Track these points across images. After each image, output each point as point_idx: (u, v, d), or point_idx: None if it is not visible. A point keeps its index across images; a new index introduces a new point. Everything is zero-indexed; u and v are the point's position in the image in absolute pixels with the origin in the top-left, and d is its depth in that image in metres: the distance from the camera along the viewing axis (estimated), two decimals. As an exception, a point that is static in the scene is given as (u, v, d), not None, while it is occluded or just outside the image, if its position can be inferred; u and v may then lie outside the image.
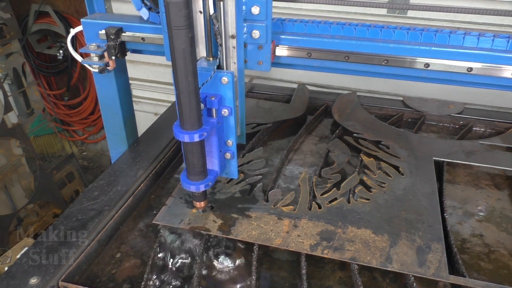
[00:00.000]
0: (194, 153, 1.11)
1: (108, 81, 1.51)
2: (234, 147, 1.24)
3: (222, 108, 1.14)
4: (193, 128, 1.05)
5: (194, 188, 1.18)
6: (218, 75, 1.11)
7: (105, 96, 1.56)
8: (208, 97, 1.11)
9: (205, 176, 1.19)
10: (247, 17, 1.15)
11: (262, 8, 1.13)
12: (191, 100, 1.00)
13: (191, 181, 1.18)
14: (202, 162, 1.15)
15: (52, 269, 1.11)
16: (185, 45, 0.92)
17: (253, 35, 1.17)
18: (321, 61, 1.28)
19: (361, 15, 2.41)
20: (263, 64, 1.23)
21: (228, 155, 1.25)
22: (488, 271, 1.20)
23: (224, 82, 1.11)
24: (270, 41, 1.20)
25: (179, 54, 0.93)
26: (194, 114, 1.03)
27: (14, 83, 3.59)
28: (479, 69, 1.16)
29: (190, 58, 0.94)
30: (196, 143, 1.08)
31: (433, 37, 1.19)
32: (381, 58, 1.22)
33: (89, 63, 1.40)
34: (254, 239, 1.22)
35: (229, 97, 1.14)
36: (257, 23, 1.16)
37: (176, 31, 0.90)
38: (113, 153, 1.68)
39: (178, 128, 1.07)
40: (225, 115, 1.16)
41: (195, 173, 1.16)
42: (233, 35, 1.12)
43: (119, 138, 1.65)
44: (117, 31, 1.34)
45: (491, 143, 1.74)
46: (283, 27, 1.28)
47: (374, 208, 1.35)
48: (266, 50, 1.21)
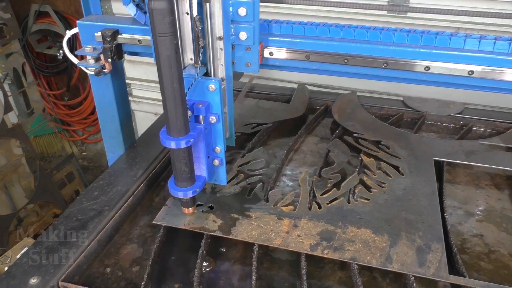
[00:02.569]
0: (181, 160, 1.10)
1: (104, 84, 1.49)
2: (222, 154, 1.23)
3: (209, 115, 1.13)
4: (180, 134, 1.04)
5: (181, 194, 1.18)
6: (205, 82, 1.09)
7: (101, 99, 1.54)
8: (195, 104, 1.10)
9: (193, 182, 1.18)
10: (234, 19, 1.13)
11: (249, 9, 1.11)
12: (177, 106, 0.99)
13: (179, 188, 1.17)
14: (189, 168, 1.14)
15: (52, 269, 1.11)
16: (170, 51, 0.91)
17: (241, 36, 1.15)
18: (320, 64, 1.26)
19: (361, 15, 2.42)
20: (251, 66, 1.21)
21: (217, 161, 1.24)
22: (488, 271, 1.20)
23: (211, 89, 1.10)
24: (258, 42, 1.18)
25: (164, 61, 0.92)
26: (180, 121, 1.02)
27: (14, 83, 3.59)
28: (481, 72, 1.14)
29: (175, 64, 0.93)
30: (183, 150, 1.07)
31: (434, 39, 1.17)
32: (380, 61, 1.20)
33: (85, 66, 1.37)
34: (254, 239, 1.22)
35: (217, 104, 1.13)
36: (244, 24, 1.14)
37: (160, 38, 0.89)
38: (110, 156, 1.66)
39: (164, 134, 1.06)
40: (213, 122, 1.15)
41: (183, 179, 1.15)
42: (220, 37, 1.10)
43: (116, 141, 1.63)
44: (113, 33, 1.31)
45: (491, 143, 1.74)
46: (270, 28, 1.26)
47: (374, 208, 1.35)
48: (254, 52, 1.19)
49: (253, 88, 2.23)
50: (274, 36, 1.26)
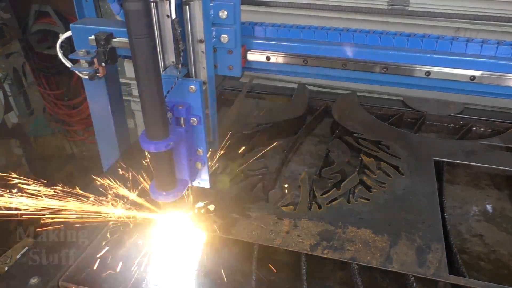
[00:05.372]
0: (162, 163, 1.09)
1: (98, 89, 1.44)
2: (204, 156, 1.20)
3: (190, 117, 1.11)
4: (159, 138, 1.02)
5: (163, 198, 1.16)
6: (186, 84, 1.07)
7: (95, 104, 1.49)
8: (176, 105, 1.08)
9: (175, 185, 1.16)
10: (215, 21, 1.11)
11: (230, 12, 1.08)
12: (155, 109, 0.97)
13: (160, 192, 1.15)
14: (170, 171, 1.12)
15: (52, 269, 1.11)
16: (146, 54, 0.89)
17: (222, 39, 1.13)
18: (317, 68, 1.23)
19: (361, 15, 2.41)
20: (234, 69, 1.19)
21: (199, 164, 1.22)
22: (488, 271, 1.20)
23: (192, 90, 1.07)
24: (239, 45, 1.16)
25: (141, 63, 0.91)
26: (159, 124, 0.99)
27: (14, 83, 3.59)
28: (483, 77, 1.11)
29: (152, 66, 0.91)
30: (163, 153, 1.05)
31: (435, 44, 1.13)
32: (380, 65, 1.17)
33: (78, 70, 1.34)
34: (254, 239, 1.22)
35: (198, 106, 1.10)
36: (226, 27, 1.12)
37: (136, 39, 0.87)
38: (105, 162, 1.63)
39: (144, 138, 1.03)
40: (194, 124, 1.12)
41: (164, 182, 1.14)
42: (201, 40, 1.07)
43: (111, 147, 1.59)
44: (107, 36, 1.27)
45: (491, 143, 1.74)
46: (254, 31, 1.24)
47: (374, 208, 1.35)
48: (236, 55, 1.17)
49: (253, 88, 2.23)
50: (259, 39, 1.23)
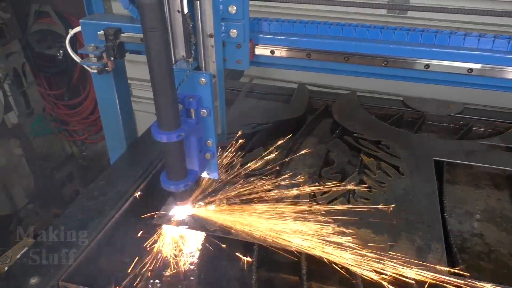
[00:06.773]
0: (173, 154, 1.12)
1: (107, 82, 1.50)
2: (214, 148, 1.24)
3: (200, 108, 1.14)
4: (171, 128, 1.05)
5: (173, 187, 1.19)
6: (196, 76, 1.10)
7: (103, 98, 1.56)
8: (186, 97, 1.11)
9: (185, 176, 1.19)
10: (225, 16, 1.14)
11: (239, 7, 1.12)
12: (167, 101, 1.00)
13: (171, 181, 1.18)
14: (181, 162, 1.15)
15: (52, 269, 1.11)
16: (159, 46, 0.92)
17: (231, 34, 1.17)
18: (321, 62, 1.27)
19: (361, 14, 2.41)
20: (242, 63, 1.24)
21: (208, 155, 1.25)
22: (488, 271, 1.20)
23: (202, 83, 1.11)
24: (248, 40, 1.19)
25: (155, 56, 0.93)
26: (171, 115, 1.03)
27: (14, 83, 3.58)
28: (480, 70, 1.16)
29: (165, 59, 0.94)
30: (175, 144, 1.08)
31: (433, 38, 1.18)
32: (381, 59, 1.21)
33: (87, 64, 1.39)
34: (254, 239, 1.22)
35: (208, 98, 1.13)
36: (235, 22, 1.15)
37: (150, 33, 0.90)
38: (112, 154, 1.68)
39: (156, 128, 1.07)
40: (204, 115, 1.15)
41: (175, 173, 1.17)
42: (211, 34, 1.11)
43: (118, 139, 1.64)
44: (115, 31, 1.33)
45: (491, 143, 1.74)
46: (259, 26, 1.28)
47: (374, 208, 1.35)
48: (244, 49, 1.21)
49: (253, 88, 2.23)
50: (265, 33, 1.28)
